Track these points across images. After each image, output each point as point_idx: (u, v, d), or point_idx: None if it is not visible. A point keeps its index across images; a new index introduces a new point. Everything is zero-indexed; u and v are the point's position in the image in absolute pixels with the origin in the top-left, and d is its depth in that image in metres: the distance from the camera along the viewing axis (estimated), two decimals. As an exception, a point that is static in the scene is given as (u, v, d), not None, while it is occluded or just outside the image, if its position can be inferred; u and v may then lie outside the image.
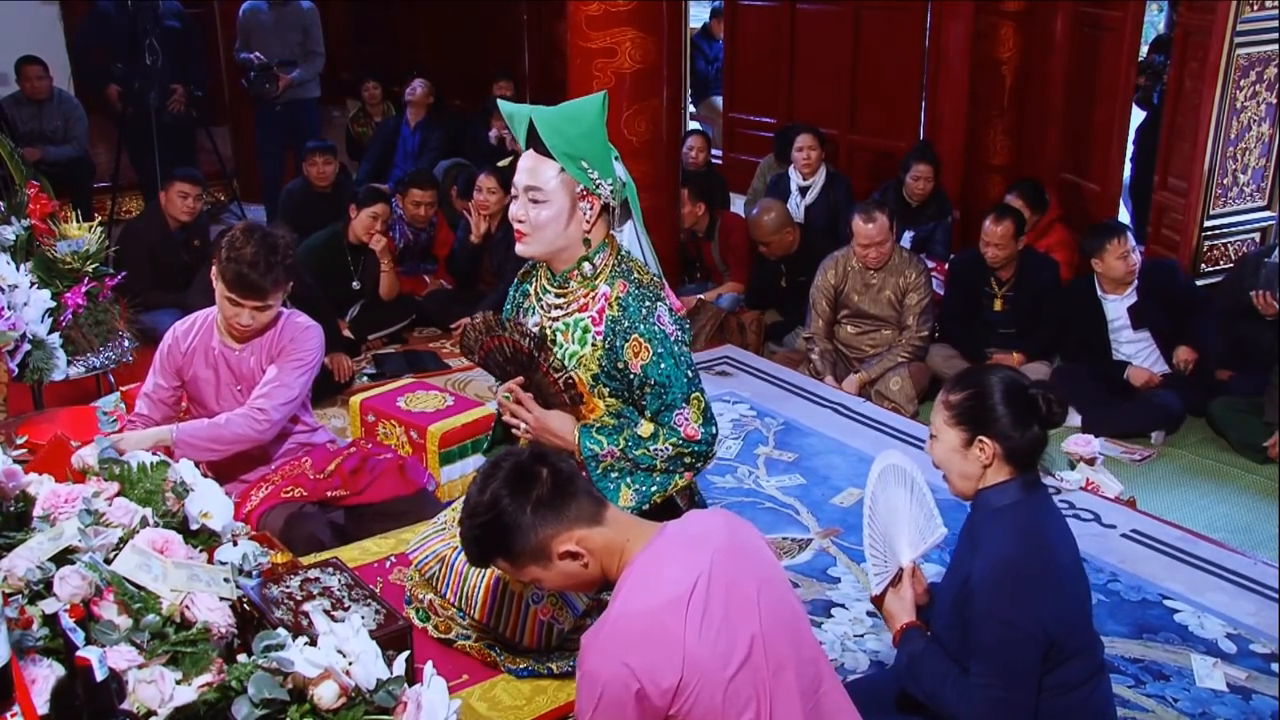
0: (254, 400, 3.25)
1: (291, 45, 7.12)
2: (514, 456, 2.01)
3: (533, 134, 2.52)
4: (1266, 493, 4.27)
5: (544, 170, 2.51)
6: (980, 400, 2.29)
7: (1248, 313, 4.85)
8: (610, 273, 2.59)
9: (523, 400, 2.59)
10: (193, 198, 5.54)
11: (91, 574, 1.74)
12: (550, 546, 1.93)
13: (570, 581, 2.01)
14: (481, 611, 2.63)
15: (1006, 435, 2.26)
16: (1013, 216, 5.11)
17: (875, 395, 5.03)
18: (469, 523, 1.98)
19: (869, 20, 7.36)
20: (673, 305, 2.61)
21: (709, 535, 1.96)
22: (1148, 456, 4.58)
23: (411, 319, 5.81)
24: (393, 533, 3.29)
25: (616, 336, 2.53)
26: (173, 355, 3.35)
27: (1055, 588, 2.20)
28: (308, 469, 3.37)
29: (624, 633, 1.83)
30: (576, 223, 2.55)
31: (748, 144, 8.30)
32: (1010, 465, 2.29)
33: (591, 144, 2.49)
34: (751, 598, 1.90)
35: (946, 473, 2.37)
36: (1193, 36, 5.48)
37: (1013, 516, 2.26)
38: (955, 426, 2.31)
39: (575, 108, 2.55)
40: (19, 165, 4.16)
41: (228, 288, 3.15)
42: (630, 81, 5.09)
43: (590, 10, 5.03)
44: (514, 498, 1.93)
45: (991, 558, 2.21)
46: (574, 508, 1.94)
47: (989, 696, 2.17)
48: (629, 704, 1.79)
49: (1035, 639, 2.16)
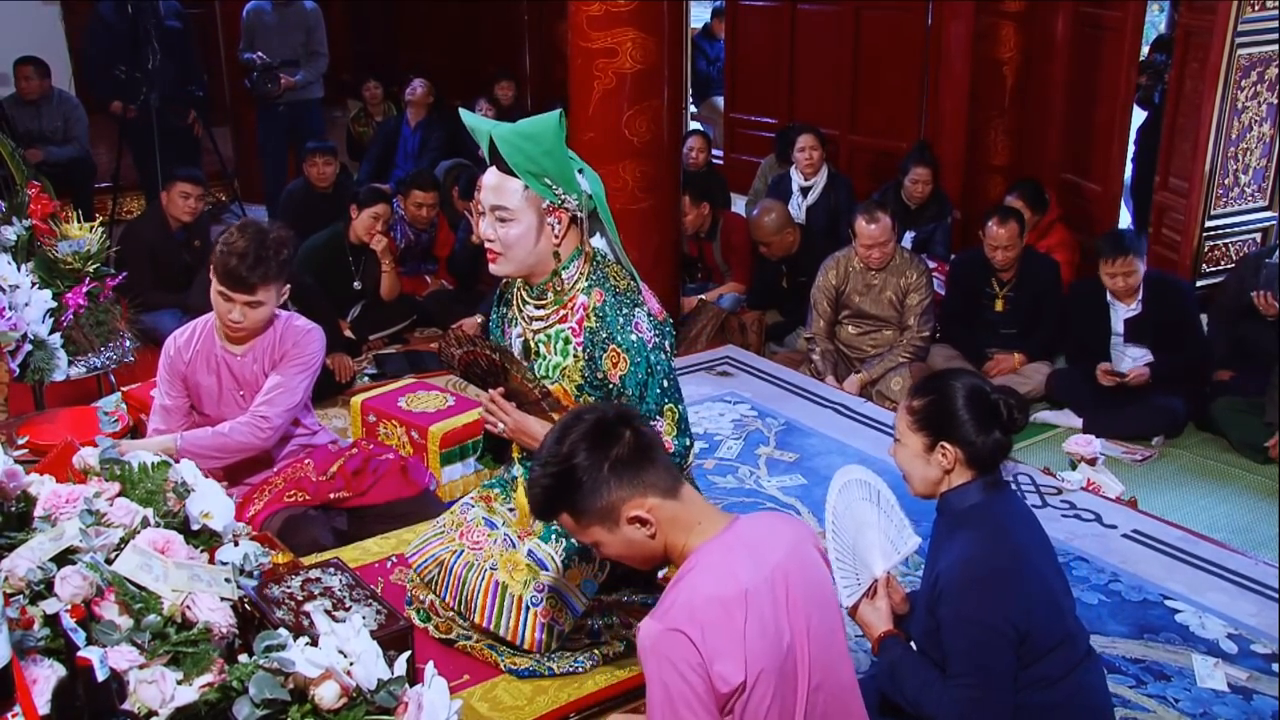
0: (256, 407, 3.25)
1: (295, 45, 7.11)
2: (597, 411, 1.97)
3: (495, 151, 2.50)
4: (1267, 493, 4.27)
5: (508, 187, 2.50)
6: (942, 406, 2.31)
7: (1248, 313, 4.84)
8: (586, 281, 2.59)
9: (500, 404, 2.58)
10: (194, 198, 5.54)
11: (93, 574, 1.74)
12: (620, 509, 1.89)
13: (631, 550, 1.96)
14: (481, 615, 2.63)
15: (969, 441, 2.29)
16: (1016, 217, 5.11)
17: (876, 395, 5.03)
18: (540, 471, 1.93)
19: (870, 20, 7.36)
20: (652, 310, 2.60)
21: (775, 542, 1.93)
22: (1149, 457, 4.58)
23: (412, 319, 5.81)
24: (393, 533, 3.29)
25: (595, 347, 2.54)
26: (176, 364, 3.32)
27: (1022, 585, 2.22)
28: (310, 471, 3.36)
29: (692, 612, 1.80)
30: (546, 238, 2.54)
31: (749, 144, 8.30)
32: (972, 469, 2.32)
33: (553, 160, 2.47)
34: (801, 614, 1.89)
35: (908, 476, 2.40)
36: (1194, 37, 5.48)
37: (975, 518, 2.29)
38: (918, 432, 2.34)
39: (533, 126, 2.49)
40: (20, 165, 4.16)
41: (219, 281, 3.14)
42: (631, 82, 5.09)
43: (591, 10, 5.03)
44: (592, 453, 1.89)
45: (955, 559, 2.24)
46: (651, 474, 1.90)
47: (966, 696, 2.20)
48: (695, 676, 1.77)
49: (1005, 636, 2.18)
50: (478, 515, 2.78)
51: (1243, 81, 5.33)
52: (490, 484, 2.93)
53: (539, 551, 2.66)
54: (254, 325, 3.23)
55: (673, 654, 1.78)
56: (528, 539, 2.70)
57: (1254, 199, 5.63)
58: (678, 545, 1.93)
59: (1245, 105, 5.39)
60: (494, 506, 2.81)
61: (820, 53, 7.68)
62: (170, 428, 3.29)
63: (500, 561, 2.66)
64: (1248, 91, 5.37)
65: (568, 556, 2.65)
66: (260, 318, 3.22)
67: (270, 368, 3.30)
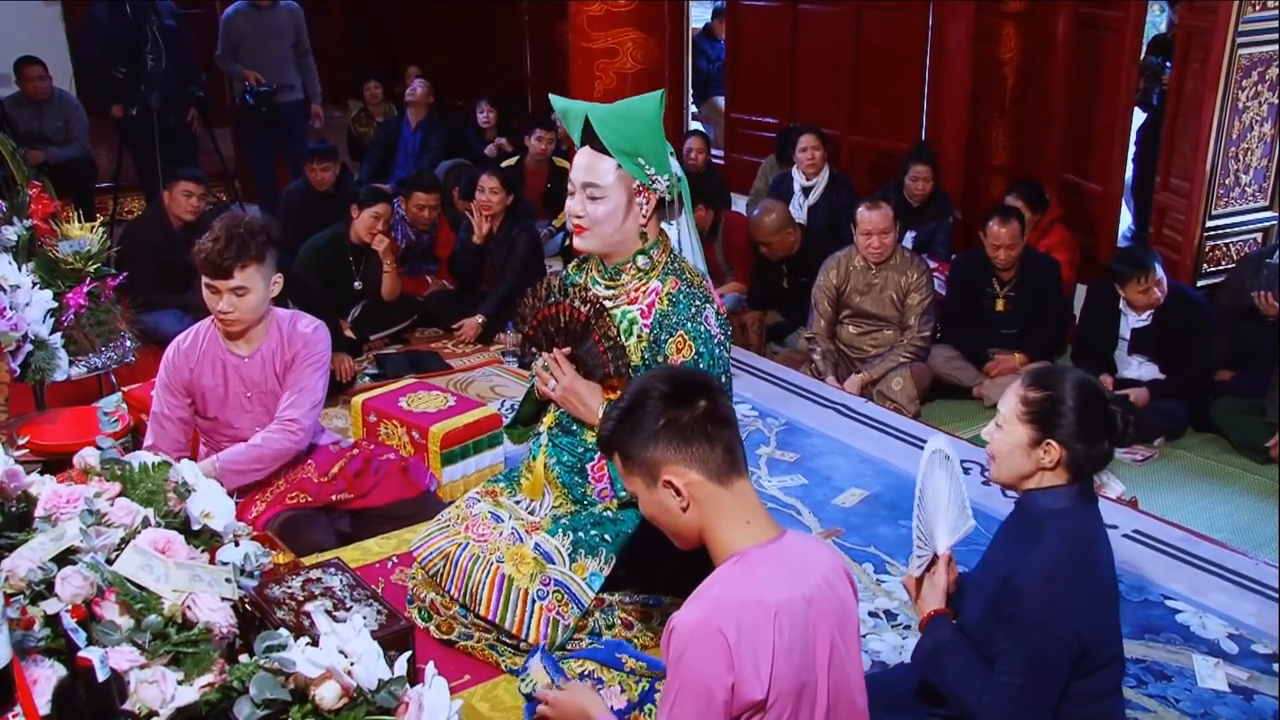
0: (283, 413, 3.27)
1: (281, 49, 7.08)
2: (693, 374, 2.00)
3: (588, 131, 2.54)
4: (1268, 493, 4.27)
5: (601, 166, 2.55)
6: (1058, 404, 2.24)
7: (1249, 313, 4.85)
8: (664, 269, 2.64)
9: (562, 362, 2.62)
10: (196, 197, 5.55)
11: (93, 574, 1.74)
12: (660, 469, 1.89)
13: (663, 516, 1.94)
14: (487, 608, 2.63)
15: (1074, 444, 2.22)
16: (1017, 217, 5.12)
17: (877, 395, 5.03)
18: (615, 403, 1.98)
19: (870, 21, 7.36)
20: (719, 308, 2.64)
21: (816, 565, 1.92)
22: (1149, 457, 4.58)
23: (413, 319, 5.81)
24: (394, 534, 3.29)
25: (663, 330, 2.57)
26: (179, 370, 3.29)
27: (1095, 598, 2.19)
28: (311, 473, 3.36)
29: (732, 613, 1.78)
30: (633, 217, 2.59)
31: (749, 144, 8.30)
32: (1069, 472, 2.25)
33: (650, 141, 2.53)
34: (825, 642, 1.88)
35: (999, 462, 2.32)
36: (1194, 37, 5.48)
37: (1065, 522, 2.23)
38: (1027, 423, 2.26)
39: (633, 106, 2.58)
40: (20, 165, 4.16)
41: (202, 273, 3.15)
42: (632, 82, 5.10)
43: (592, 10, 5.04)
44: (659, 402, 1.90)
45: (1041, 560, 2.18)
46: (702, 449, 1.88)
47: (1012, 695, 2.16)
48: (718, 682, 1.76)
49: (1069, 645, 2.14)
50: (483, 509, 2.79)
51: (1243, 81, 5.32)
52: (495, 480, 2.94)
53: (545, 545, 2.66)
54: (246, 314, 3.19)
55: (704, 648, 1.77)
56: (535, 532, 2.70)
57: (1255, 199, 5.63)
58: (719, 536, 1.90)
59: (1246, 105, 5.39)
60: (500, 500, 2.82)
61: (821, 53, 7.68)
62: (164, 440, 3.27)
63: (506, 555, 2.66)
64: (1248, 91, 5.36)
65: (574, 550, 2.65)
66: (250, 305, 3.18)
67: (280, 369, 3.29)
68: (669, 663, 1.83)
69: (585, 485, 2.73)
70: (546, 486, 2.78)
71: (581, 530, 2.68)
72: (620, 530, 2.68)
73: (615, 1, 5.00)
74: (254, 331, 3.28)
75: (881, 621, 3.31)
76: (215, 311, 3.20)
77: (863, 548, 3.73)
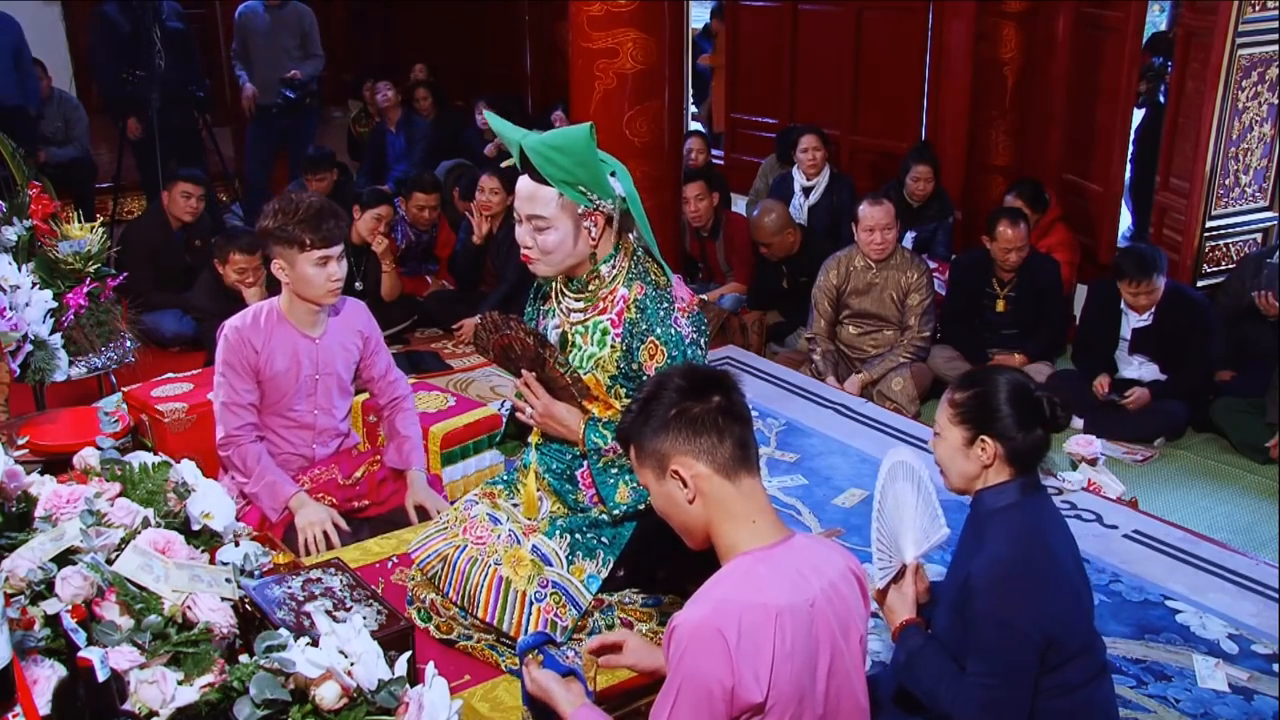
0: (394, 392, 3.42)
1: (290, 48, 7.09)
2: (710, 370, 2.00)
3: (526, 159, 2.51)
4: (1268, 493, 4.27)
5: (542, 195, 2.53)
6: (985, 400, 2.31)
7: (1249, 313, 4.85)
8: (627, 275, 2.64)
9: (533, 387, 2.64)
10: (195, 198, 5.55)
11: (93, 574, 1.74)
12: (669, 460, 1.90)
13: (672, 510, 1.95)
14: (484, 610, 2.63)
15: (1009, 436, 2.28)
16: (1024, 218, 5.13)
17: (877, 396, 5.03)
18: (637, 393, 2.00)
19: (871, 21, 7.36)
20: (683, 297, 2.63)
21: (825, 569, 1.91)
22: (1149, 457, 4.58)
23: (413, 320, 5.82)
24: (394, 534, 3.29)
25: (634, 339, 2.58)
26: (245, 355, 3.13)
27: (1054, 589, 2.21)
28: (336, 475, 3.35)
29: (733, 615, 1.78)
30: (584, 240, 2.59)
31: (749, 144, 8.30)
32: (1011, 466, 2.31)
33: (585, 170, 2.47)
34: (827, 648, 1.88)
35: (946, 471, 2.39)
36: (1195, 38, 5.48)
37: (1012, 518, 2.28)
38: (959, 425, 2.34)
39: (563, 138, 2.48)
40: (20, 166, 4.17)
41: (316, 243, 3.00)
42: (632, 82, 5.09)
43: (592, 11, 5.03)
44: (674, 394, 1.91)
45: (990, 558, 2.23)
46: (711, 442, 1.88)
47: (984, 695, 2.18)
48: (717, 684, 1.76)
49: (1032, 640, 2.17)
50: (482, 511, 2.79)
51: (1243, 82, 5.32)
52: (493, 482, 2.93)
53: (543, 547, 2.66)
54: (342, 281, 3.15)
55: (704, 649, 1.77)
56: (532, 535, 2.70)
57: (1255, 199, 5.63)
58: (725, 535, 1.91)
59: (1246, 105, 5.39)
60: (498, 503, 2.82)
61: (821, 53, 7.68)
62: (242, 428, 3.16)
63: (504, 557, 2.66)
64: (1248, 92, 5.37)
65: (572, 552, 2.65)
66: (345, 272, 3.16)
67: (355, 343, 3.30)
68: (669, 662, 1.83)
69: (576, 492, 2.75)
70: (541, 494, 2.79)
71: (579, 533, 2.68)
72: (618, 533, 2.68)
73: (615, 1, 4.99)
74: (322, 311, 3.21)
75: (881, 621, 3.30)
76: (331, 282, 3.07)
77: (863, 548, 3.72)
